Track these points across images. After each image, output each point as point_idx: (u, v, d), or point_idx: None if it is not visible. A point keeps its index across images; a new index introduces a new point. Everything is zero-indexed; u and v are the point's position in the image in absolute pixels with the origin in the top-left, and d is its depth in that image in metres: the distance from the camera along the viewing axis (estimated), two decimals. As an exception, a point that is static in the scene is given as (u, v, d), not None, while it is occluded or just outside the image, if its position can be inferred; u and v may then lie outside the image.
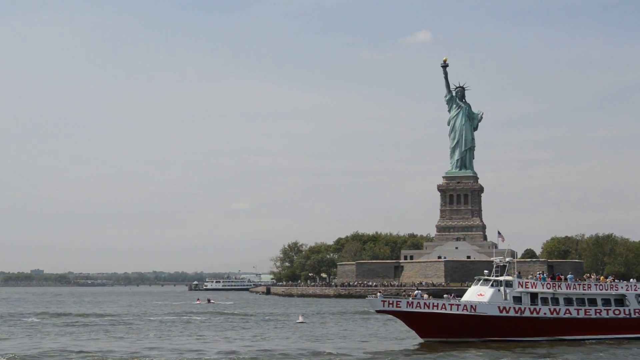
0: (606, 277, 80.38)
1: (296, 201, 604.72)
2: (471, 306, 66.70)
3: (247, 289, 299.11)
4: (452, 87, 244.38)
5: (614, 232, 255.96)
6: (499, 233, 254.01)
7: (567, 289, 69.61)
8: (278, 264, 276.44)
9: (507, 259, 71.35)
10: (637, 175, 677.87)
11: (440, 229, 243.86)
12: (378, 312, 67.97)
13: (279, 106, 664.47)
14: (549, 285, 69.22)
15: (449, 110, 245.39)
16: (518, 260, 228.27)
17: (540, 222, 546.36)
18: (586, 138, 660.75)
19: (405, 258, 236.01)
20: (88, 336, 75.72)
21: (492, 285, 68.46)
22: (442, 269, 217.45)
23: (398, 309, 66.59)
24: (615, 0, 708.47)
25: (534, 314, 67.59)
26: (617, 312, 70.24)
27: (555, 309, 68.31)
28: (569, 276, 73.34)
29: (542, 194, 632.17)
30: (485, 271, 72.00)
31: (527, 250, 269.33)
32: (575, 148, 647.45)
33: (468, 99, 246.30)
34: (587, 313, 69.26)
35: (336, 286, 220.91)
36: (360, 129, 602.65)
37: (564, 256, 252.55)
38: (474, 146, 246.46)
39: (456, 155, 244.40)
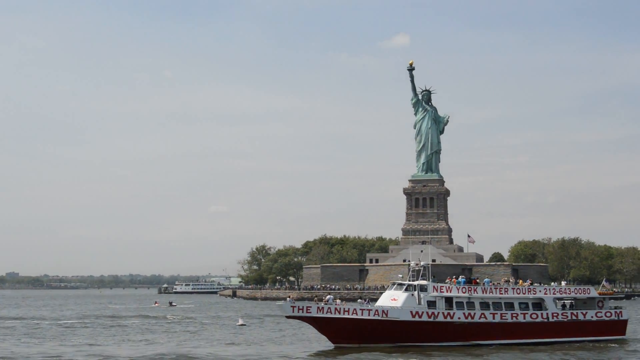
0: (562, 282, 79.91)
1: (273, 204, 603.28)
2: (383, 311, 65.66)
3: (216, 292, 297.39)
4: (418, 90, 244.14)
5: (590, 237, 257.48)
6: (468, 236, 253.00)
7: (483, 293, 68.74)
8: (245, 267, 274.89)
9: (423, 263, 70.14)
10: (613, 180, 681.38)
11: (406, 232, 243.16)
12: (288, 317, 66.78)
13: (257, 109, 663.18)
14: (464, 290, 68.31)
15: (415, 114, 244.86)
16: (484, 264, 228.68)
17: (515, 225, 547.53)
18: (563, 142, 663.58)
19: (371, 261, 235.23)
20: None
21: (406, 290, 67.48)
22: (407, 273, 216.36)
23: (308, 314, 65.42)
24: (592, 5, 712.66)
25: (448, 319, 66.67)
26: (534, 316, 69.44)
27: (470, 314, 67.42)
28: (485, 280, 72.53)
29: (519, 198, 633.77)
30: (400, 275, 71.47)
31: (495, 254, 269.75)
32: (551, 152, 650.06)
33: (434, 102, 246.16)
34: (503, 317, 68.40)
35: (299, 289, 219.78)
36: (338, 133, 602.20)
37: (530, 260, 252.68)
38: (440, 149, 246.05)
39: (422, 159, 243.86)
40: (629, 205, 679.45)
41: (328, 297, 68.54)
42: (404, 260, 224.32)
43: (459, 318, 66.98)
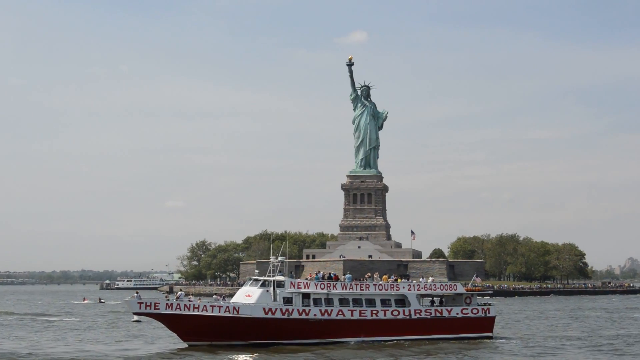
0: (429, 278, 78.70)
1: (230, 200, 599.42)
2: (234, 308, 63.88)
3: (157, 288, 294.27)
4: (357, 85, 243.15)
5: (542, 233, 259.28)
6: (412, 232, 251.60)
7: (342, 289, 67.27)
8: (185, 262, 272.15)
9: (280, 258, 68.47)
10: (567, 177, 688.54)
11: (343, 228, 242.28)
12: (136, 314, 64.73)
13: (214, 104, 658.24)
14: (322, 286, 66.79)
15: (354, 109, 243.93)
16: (419, 260, 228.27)
17: (469, 222, 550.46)
18: (519, 140, 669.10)
19: (308, 257, 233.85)
20: None
21: (261, 286, 65.80)
22: (341, 268, 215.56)
23: (157, 311, 63.37)
24: (549, 3, 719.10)
25: (303, 316, 65.09)
26: (396, 312, 68.15)
27: (327, 310, 65.91)
28: (346, 276, 71.07)
29: (475, 195, 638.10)
30: (256, 271, 69.58)
31: (435, 250, 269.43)
32: (508, 150, 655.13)
33: (373, 97, 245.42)
34: (363, 314, 66.99)
35: (232, 285, 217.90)
36: (296, 129, 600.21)
37: (470, 256, 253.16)
38: (379, 145, 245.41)
39: (360, 155, 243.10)
40: (582, 202, 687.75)
41: (179, 292, 66.59)
42: (341, 256, 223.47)
43: (315, 315, 65.42)
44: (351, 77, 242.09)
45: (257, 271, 69.29)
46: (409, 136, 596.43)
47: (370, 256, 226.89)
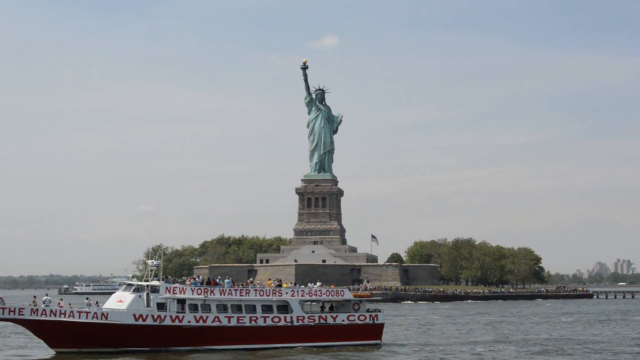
0: (316, 283, 77.22)
1: (202, 204, 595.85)
2: (102, 314, 61.94)
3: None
4: (312, 89, 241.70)
5: (512, 237, 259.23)
6: (372, 237, 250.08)
7: (221, 294, 65.50)
8: (140, 267, 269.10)
9: (156, 262, 66.59)
10: (538, 182, 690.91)
11: (298, 232, 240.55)
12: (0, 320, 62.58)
13: (186, 108, 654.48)
14: (199, 291, 64.98)
15: (309, 113, 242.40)
16: (372, 264, 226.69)
17: (440, 226, 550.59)
18: (490, 145, 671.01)
19: (262, 262, 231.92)
20: None
21: (134, 291, 63.88)
22: (293, 273, 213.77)
23: (21, 316, 61.31)
24: (521, 9, 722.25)
25: (176, 322, 63.18)
26: (277, 319, 66.41)
27: (202, 317, 64.06)
28: (225, 281, 69.29)
29: (447, 200, 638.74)
30: (129, 275, 67.71)
31: (393, 254, 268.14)
32: (479, 155, 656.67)
33: (328, 101, 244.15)
34: (241, 321, 65.18)
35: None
36: (267, 133, 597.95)
37: (427, 260, 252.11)
38: (333, 149, 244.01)
39: (315, 158, 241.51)
40: (552, 207, 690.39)
41: (45, 297, 64.49)
42: (295, 261, 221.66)
43: (189, 321, 63.56)
44: (305, 80, 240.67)
45: (129, 275, 67.20)
46: (381, 141, 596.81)
47: (324, 260, 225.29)
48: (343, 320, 68.64)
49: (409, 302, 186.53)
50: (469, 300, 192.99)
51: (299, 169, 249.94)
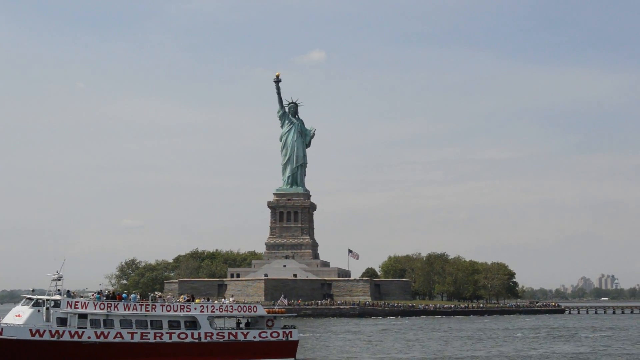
0: (230, 298, 75.73)
1: (187, 218, 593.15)
2: (-3, 329, 60.52)
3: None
4: (285, 102, 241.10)
5: (494, 252, 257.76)
6: (350, 251, 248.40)
7: (125, 309, 64.10)
8: (113, 281, 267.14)
9: (56, 275, 65.02)
10: (522, 197, 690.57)
11: (269, 246, 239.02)
12: None
13: (172, 122, 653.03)
14: (102, 306, 63.59)
15: (282, 126, 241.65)
16: (342, 279, 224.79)
17: (422, 242, 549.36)
18: (475, 160, 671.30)
19: (233, 276, 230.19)
20: None
21: (34, 305, 62.45)
22: (263, 288, 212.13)
23: None
24: (506, 24, 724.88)
25: (75, 338, 61.77)
26: (183, 335, 64.99)
27: (104, 332, 62.64)
28: (132, 296, 67.85)
29: (431, 215, 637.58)
30: (31, 289, 66.10)
31: (368, 269, 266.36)
32: (464, 170, 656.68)
33: (301, 115, 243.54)
34: (145, 337, 63.75)
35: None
36: (252, 147, 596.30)
37: (401, 275, 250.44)
38: (306, 163, 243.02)
39: (287, 172, 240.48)
40: (537, 222, 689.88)
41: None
42: (265, 275, 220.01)
43: (89, 337, 62.14)
44: (278, 94, 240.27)
45: (32, 289, 65.72)
46: (366, 155, 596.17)
47: (295, 275, 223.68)
48: (254, 337, 67.24)
49: (379, 317, 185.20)
50: (440, 316, 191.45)
51: (273, 182, 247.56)
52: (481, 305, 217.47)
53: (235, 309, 68.63)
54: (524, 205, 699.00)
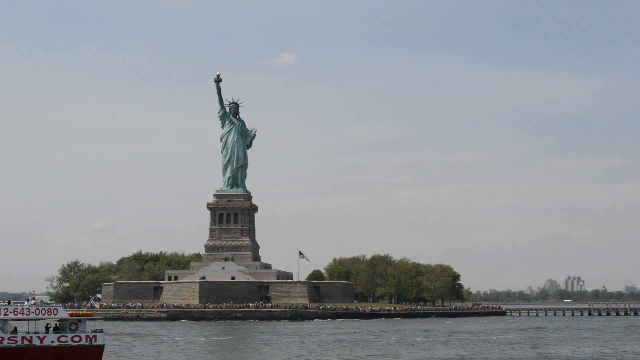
0: (31, 300, 71.89)
1: (157, 220, 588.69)
2: None
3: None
4: (225, 103, 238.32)
5: (466, 254, 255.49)
6: (300, 253, 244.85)
7: None
8: (55, 283, 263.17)
9: None
10: (494, 200, 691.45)
11: (208, 248, 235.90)
12: None
13: (140, 125, 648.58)
14: None
15: (222, 127, 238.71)
16: (280, 281, 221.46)
17: (389, 244, 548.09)
18: (445, 163, 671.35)
19: (170, 278, 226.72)
20: None
21: None
22: (197, 290, 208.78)
23: None
24: (475, 27, 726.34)
25: None
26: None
27: None
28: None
29: (402, 217, 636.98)
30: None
31: (314, 271, 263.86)
32: (435, 172, 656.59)
33: (242, 115, 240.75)
34: None
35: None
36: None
37: (346, 277, 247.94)
38: (247, 164, 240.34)
39: (228, 173, 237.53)
40: (508, 224, 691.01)
41: None
42: (203, 277, 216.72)
43: None
44: (219, 94, 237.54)
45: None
46: (335, 158, 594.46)
47: (233, 277, 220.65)
48: (52, 342, 63.95)
49: (318, 320, 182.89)
50: (382, 318, 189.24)
51: (215, 184, 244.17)
52: (418, 307, 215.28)
53: (33, 312, 65.27)
54: (494, 208, 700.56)
